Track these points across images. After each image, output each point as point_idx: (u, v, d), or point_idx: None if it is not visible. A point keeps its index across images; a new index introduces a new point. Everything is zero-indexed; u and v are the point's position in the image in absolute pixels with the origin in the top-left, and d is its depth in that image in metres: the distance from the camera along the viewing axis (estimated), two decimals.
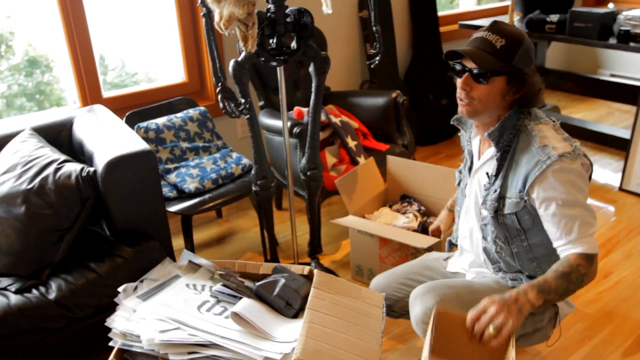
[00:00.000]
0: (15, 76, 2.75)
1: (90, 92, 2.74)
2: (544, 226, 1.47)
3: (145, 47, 3.08)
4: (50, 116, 2.27)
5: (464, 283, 1.63)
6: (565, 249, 1.43)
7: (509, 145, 1.51)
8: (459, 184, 1.77)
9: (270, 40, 1.89)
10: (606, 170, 3.44)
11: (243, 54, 1.87)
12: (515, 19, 3.43)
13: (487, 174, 1.55)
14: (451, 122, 1.71)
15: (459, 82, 1.50)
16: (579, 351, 1.99)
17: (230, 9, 1.62)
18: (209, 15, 1.76)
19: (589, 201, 1.46)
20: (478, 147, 1.65)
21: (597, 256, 1.44)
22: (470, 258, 1.73)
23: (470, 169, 1.68)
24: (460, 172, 1.77)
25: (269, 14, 1.82)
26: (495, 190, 1.52)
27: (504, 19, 3.46)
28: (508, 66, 1.44)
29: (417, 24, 3.81)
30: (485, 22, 3.82)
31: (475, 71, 1.45)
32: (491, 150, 1.55)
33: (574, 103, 4.68)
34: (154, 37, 3.04)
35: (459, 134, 1.81)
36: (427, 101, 3.70)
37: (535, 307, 1.38)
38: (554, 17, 3.37)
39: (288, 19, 1.85)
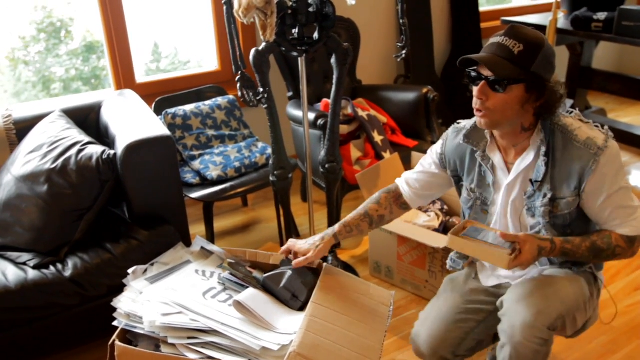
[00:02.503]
0: (73, 60, 2.85)
1: (124, 77, 2.80)
2: (588, 214, 1.46)
3: (194, 35, 3.14)
4: (81, 99, 2.33)
5: (552, 280, 1.49)
6: (610, 228, 1.45)
7: (547, 147, 1.43)
8: (471, 206, 1.62)
9: (293, 30, 1.87)
10: None
11: (264, 43, 1.86)
12: (559, 16, 3.29)
13: (531, 181, 1.46)
14: (461, 142, 1.57)
15: (475, 90, 1.41)
16: None
17: None
18: (229, 3, 1.76)
19: None
20: (503, 160, 1.52)
21: (639, 237, 1.44)
22: (502, 273, 1.64)
23: (493, 183, 1.54)
24: (472, 191, 1.60)
25: (290, 3, 1.80)
26: (545, 195, 1.44)
27: (548, 16, 3.33)
28: (526, 73, 1.35)
29: (458, 19, 3.71)
30: (528, 19, 3.69)
31: (491, 79, 1.36)
32: (526, 158, 1.46)
33: (623, 106, 4.47)
34: (198, 26, 3.10)
35: (441, 156, 1.64)
36: (464, 98, 3.60)
37: (550, 255, 1.43)
38: (602, 15, 3.21)
39: (310, 9, 1.82)
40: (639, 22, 3.00)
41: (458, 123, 1.64)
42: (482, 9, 3.86)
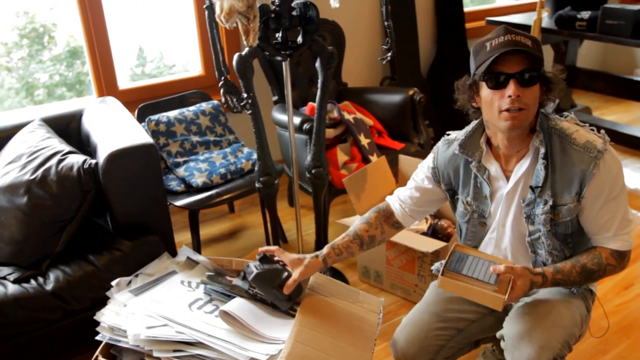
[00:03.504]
0: (56, 66, 2.81)
1: (106, 84, 2.75)
2: (583, 222, 1.42)
3: (179, 39, 3.11)
4: (61, 107, 2.29)
5: (547, 306, 1.46)
6: (602, 242, 1.43)
7: (545, 151, 1.39)
8: (468, 220, 1.57)
9: (276, 34, 1.85)
10: (637, 175, 3.28)
11: (247, 48, 1.83)
12: (544, 15, 3.29)
13: (531, 187, 1.42)
14: (456, 152, 1.51)
15: (509, 90, 1.32)
16: None
17: (231, 1, 1.58)
18: (211, 7, 1.73)
19: None
20: (501, 168, 1.47)
21: (630, 251, 1.44)
22: None
23: (491, 195, 1.50)
24: (468, 204, 1.55)
25: (273, 7, 1.77)
26: (546, 202, 1.40)
27: (532, 15, 3.33)
28: (542, 65, 1.35)
29: (442, 19, 3.71)
30: (512, 18, 3.69)
31: (528, 75, 1.32)
32: (523, 164, 1.42)
33: (607, 104, 4.49)
34: (183, 30, 3.07)
35: (433, 170, 1.58)
36: (450, 100, 3.60)
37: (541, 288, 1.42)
38: (585, 14, 3.23)
39: (294, 13, 1.80)
40: (622, 21, 3.01)
41: (447, 134, 1.58)
42: (466, 9, 3.86)
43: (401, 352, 1.59)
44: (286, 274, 1.52)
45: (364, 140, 2.61)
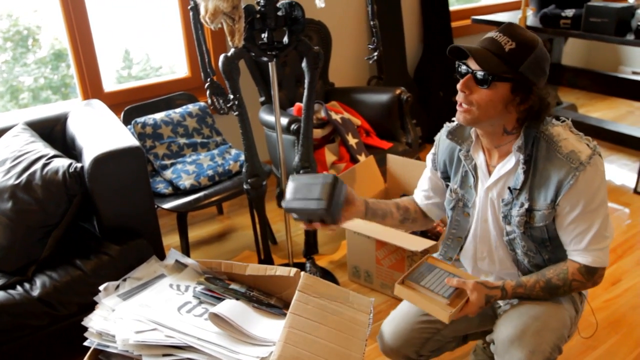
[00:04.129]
0: (41, 69, 2.78)
1: (91, 86, 2.73)
2: (558, 231, 1.41)
3: (165, 41, 3.09)
4: (46, 110, 2.26)
5: (538, 308, 1.45)
6: (572, 254, 1.41)
7: (529, 155, 1.39)
8: (453, 207, 1.59)
9: (262, 35, 1.84)
10: (623, 171, 3.31)
11: (233, 49, 1.82)
12: (528, 14, 3.32)
13: (509, 188, 1.43)
14: (445, 137, 1.55)
15: (459, 84, 1.38)
16: None
17: (215, 2, 1.57)
18: (196, 8, 1.72)
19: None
20: (485, 162, 1.49)
21: (602, 269, 1.40)
22: (490, 279, 1.62)
23: (475, 185, 1.52)
24: (455, 192, 1.58)
25: (258, 8, 1.77)
26: (522, 204, 1.41)
27: (517, 14, 3.36)
28: (514, 72, 1.31)
29: (428, 18, 3.72)
30: (497, 17, 3.71)
31: (477, 73, 1.33)
32: (507, 163, 1.43)
33: (593, 101, 4.53)
34: (168, 31, 3.05)
35: (434, 157, 1.63)
36: (437, 98, 3.61)
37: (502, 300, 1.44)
38: (569, 12, 3.25)
39: (279, 13, 1.79)
40: (605, 19, 3.04)
41: (451, 121, 1.58)
42: (452, 8, 3.87)
43: (387, 344, 1.63)
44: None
45: (352, 140, 2.61)
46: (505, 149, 1.43)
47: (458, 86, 1.38)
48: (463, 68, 1.37)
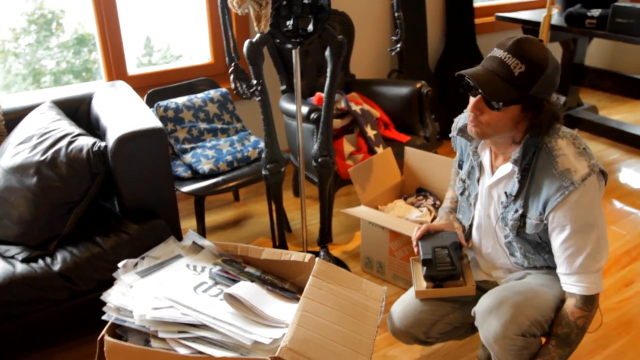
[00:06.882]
0: (64, 53, 2.82)
1: (116, 69, 2.76)
2: (552, 247, 1.42)
3: (186, 29, 3.12)
4: (72, 90, 2.30)
5: (525, 286, 1.48)
6: (564, 283, 1.41)
7: (528, 164, 1.40)
8: (462, 192, 1.66)
9: (287, 22, 1.85)
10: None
11: (258, 34, 1.84)
12: (553, 12, 3.28)
13: (506, 193, 1.46)
14: (455, 134, 1.61)
15: (470, 103, 1.38)
16: None
17: None
18: None
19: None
20: (490, 161, 1.52)
21: (598, 295, 1.40)
22: (499, 273, 1.65)
23: (478, 180, 1.58)
24: (463, 181, 1.64)
25: None
26: (517, 210, 1.43)
27: (542, 12, 3.32)
28: (525, 95, 1.31)
29: (452, 13, 3.70)
30: (522, 15, 3.68)
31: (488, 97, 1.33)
32: (507, 167, 1.45)
33: (614, 104, 4.48)
34: (191, 19, 3.07)
35: (453, 139, 1.70)
36: (457, 95, 3.60)
37: None
38: (595, 12, 3.21)
39: (305, 0, 1.80)
40: (632, 19, 3.00)
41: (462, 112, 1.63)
42: (476, 4, 3.85)
43: (396, 324, 1.67)
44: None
45: (371, 132, 2.62)
46: (510, 154, 1.45)
47: (469, 107, 1.39)
48: (472, 83, 1.34)
